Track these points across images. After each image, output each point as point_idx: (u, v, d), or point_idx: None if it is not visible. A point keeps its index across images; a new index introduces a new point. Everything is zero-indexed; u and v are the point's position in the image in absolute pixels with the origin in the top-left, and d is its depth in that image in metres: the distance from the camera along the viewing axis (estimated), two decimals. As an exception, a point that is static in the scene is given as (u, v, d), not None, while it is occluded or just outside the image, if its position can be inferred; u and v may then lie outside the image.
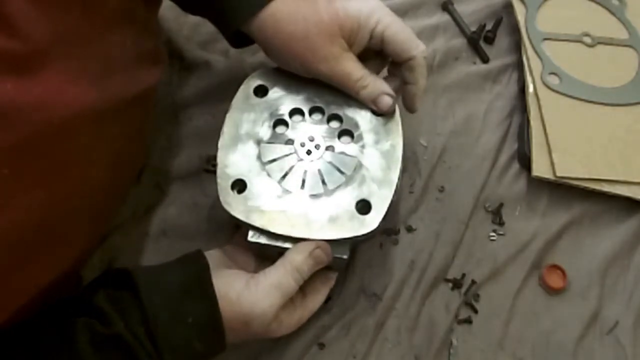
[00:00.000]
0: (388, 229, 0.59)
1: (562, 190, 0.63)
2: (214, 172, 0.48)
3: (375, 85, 0.50)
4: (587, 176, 0.62)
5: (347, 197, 0.47)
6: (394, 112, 0.51)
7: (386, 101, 0.50)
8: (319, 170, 0.49)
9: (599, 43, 0.73)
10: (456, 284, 0.57)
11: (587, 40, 0.73)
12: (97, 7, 0.39)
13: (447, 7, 0.77)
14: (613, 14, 0.76)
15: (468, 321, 0.56)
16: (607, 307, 0.58)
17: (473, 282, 0.57)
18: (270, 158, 0.49)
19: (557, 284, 0.58)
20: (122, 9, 0.42)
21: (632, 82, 0.70)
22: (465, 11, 0.77)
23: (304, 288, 0.49)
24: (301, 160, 0.49)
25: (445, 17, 0.76)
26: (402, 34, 0.49)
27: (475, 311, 0.56)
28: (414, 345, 0.54)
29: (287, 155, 0.49)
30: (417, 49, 0.49)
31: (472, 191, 0.62)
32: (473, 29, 0.75)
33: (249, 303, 0.43)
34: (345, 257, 0.47)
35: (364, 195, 0.47)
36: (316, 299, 0.50)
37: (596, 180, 0.62)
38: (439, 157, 0.64)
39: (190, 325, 0.42)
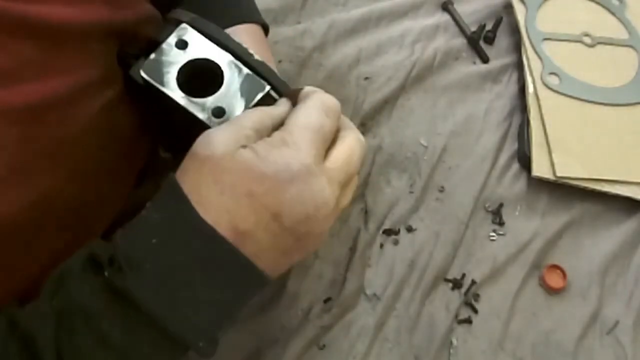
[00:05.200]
0: (388, 229, 0.59)
1: (562, 190, 0.63)
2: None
3: None
4: (587, 176, 0.62)
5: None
6: None
7: None
8: None
9: (599, 43, 0.73)
10: (456, 284, 0.57)
11: (587, 40, 0.73)
12: None
13: (447, 7, 0.77)
14: (613, 14, 0.76)
15: (468, 321, 0.56)
16: (607, 307, 0.58)
17: (473, 282, 0.57)
18: None
19: (557, 284, 0.58)
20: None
21: (632, 82, 0.70)
22: (465, 11, 0.77)
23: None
24: None
25: (445, 17, 0.76)
26: None
27: (475, 311, 0.56)
28: (414, 345, 0.54)
29: None
30: None
31: (472, 191, 0.62)
32: (473, 29, 0.75)
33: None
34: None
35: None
36: (297, 112, 0.37)
37: (596, 180, 0.62)
38: (439, 157, 0.64)
39: (144, 207, 0.35)
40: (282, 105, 0.40)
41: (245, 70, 0.41)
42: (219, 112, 0.40)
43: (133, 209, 0.37)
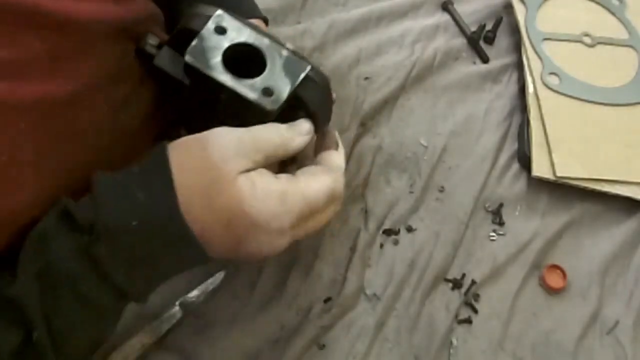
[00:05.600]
0: (388, 229, 0.59)
1: (562, 190, 0.63)
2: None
3: None
4: (587, 176, 0.62)
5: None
6: None
7: None
8: None
9: (599, 43, 0.73)
10: (456, 284, 0.57)
11: (587, 40, 0.73)
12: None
13: (447, 7, 0.77)
14: (613, 14, 0.76)
15: (468, 321, 0.56)
16: (607, 307, 0.58)
17: (473, 282, 0.57)
18: None
19: (557, 284, 0.58)
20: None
21: (632, 82, 0.71)
22: (465, 11, 0.77)
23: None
24: None
25: (445, 17, 0.76)
26: None
27: (475, 311, 0.56)
28: (414, 345, 0.54)
29: None
30: None
31: (472, 191, 0.62)
32: (473, 29, 0.75)
33: (205, 133, 0.38)
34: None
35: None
36: (310, 181, 0.39)
37: (596, 180, 0.62)
38: (439, 157, 0.64)
39: (132, 173, 0.37)
40: (302, 136, 0.41)
41: (285, 52, 0.42)
42: (267, 92, 0.40)
43: None
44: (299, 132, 0.41)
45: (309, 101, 0.43)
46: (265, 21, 0.58)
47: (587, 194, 0.63)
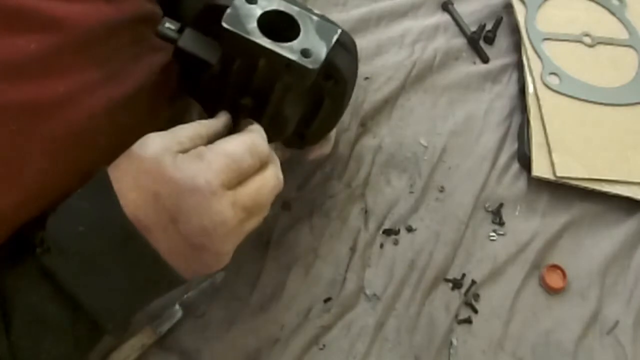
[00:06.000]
0: (388, 229, 0.59)
1: (562, 190, 0.63)
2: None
3: None
4: (587, 176, 0.62)
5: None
6: None
7: None
8: None
9: (599, 43, 0.73)
10: (456, 284, 0.57)
11: (587, 40, 0.73)
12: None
13: (447, 7, 0.77)
14: (613, 14, 0.76)
15: (468, 321, 0.56)
16: (607, 307, 0.58)
17: (473, 282, 0.57)
18: None
19: (557, 284, 0.58)
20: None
21: (632, 82, 0.71)
22: (465, 11, 0.77)
23: None
24: None
25: (445, 17, 0.76)
26: None
27: (475, 311, 0.56)
28: (414, 345, 0.54)
29: None
30: None
31: (472, 191, 0.62)
32: (473, 29, 0.75)
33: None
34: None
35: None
36: (227, 139, 0.40)
37: (596, 180, 0.62)
38: (439, 157, 0.64)
39: (77, 192, 0.38)
40: (220, 118, 0.43)
41: (315, 17, 0.43)
42: (306, 53, 0.41)
43: None
44: (216, 116, 0.43)
45: (342, 68, 0.45)
46: None
47: (587, 194, 0.63)
